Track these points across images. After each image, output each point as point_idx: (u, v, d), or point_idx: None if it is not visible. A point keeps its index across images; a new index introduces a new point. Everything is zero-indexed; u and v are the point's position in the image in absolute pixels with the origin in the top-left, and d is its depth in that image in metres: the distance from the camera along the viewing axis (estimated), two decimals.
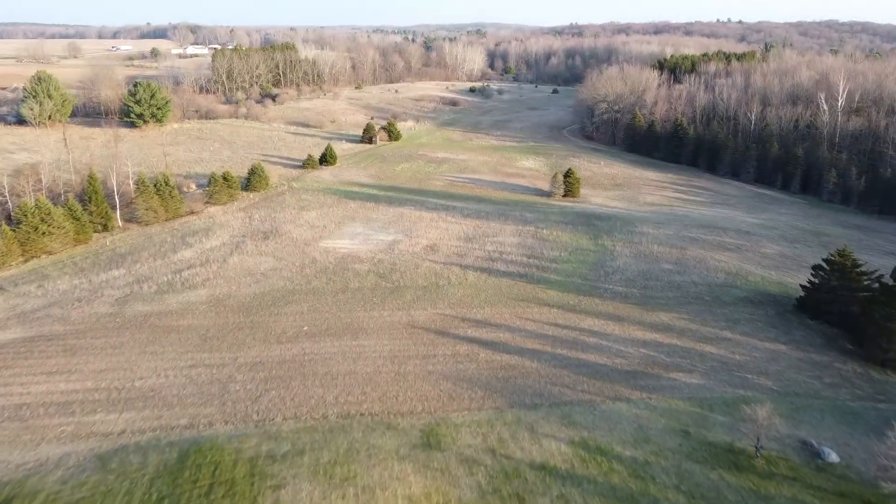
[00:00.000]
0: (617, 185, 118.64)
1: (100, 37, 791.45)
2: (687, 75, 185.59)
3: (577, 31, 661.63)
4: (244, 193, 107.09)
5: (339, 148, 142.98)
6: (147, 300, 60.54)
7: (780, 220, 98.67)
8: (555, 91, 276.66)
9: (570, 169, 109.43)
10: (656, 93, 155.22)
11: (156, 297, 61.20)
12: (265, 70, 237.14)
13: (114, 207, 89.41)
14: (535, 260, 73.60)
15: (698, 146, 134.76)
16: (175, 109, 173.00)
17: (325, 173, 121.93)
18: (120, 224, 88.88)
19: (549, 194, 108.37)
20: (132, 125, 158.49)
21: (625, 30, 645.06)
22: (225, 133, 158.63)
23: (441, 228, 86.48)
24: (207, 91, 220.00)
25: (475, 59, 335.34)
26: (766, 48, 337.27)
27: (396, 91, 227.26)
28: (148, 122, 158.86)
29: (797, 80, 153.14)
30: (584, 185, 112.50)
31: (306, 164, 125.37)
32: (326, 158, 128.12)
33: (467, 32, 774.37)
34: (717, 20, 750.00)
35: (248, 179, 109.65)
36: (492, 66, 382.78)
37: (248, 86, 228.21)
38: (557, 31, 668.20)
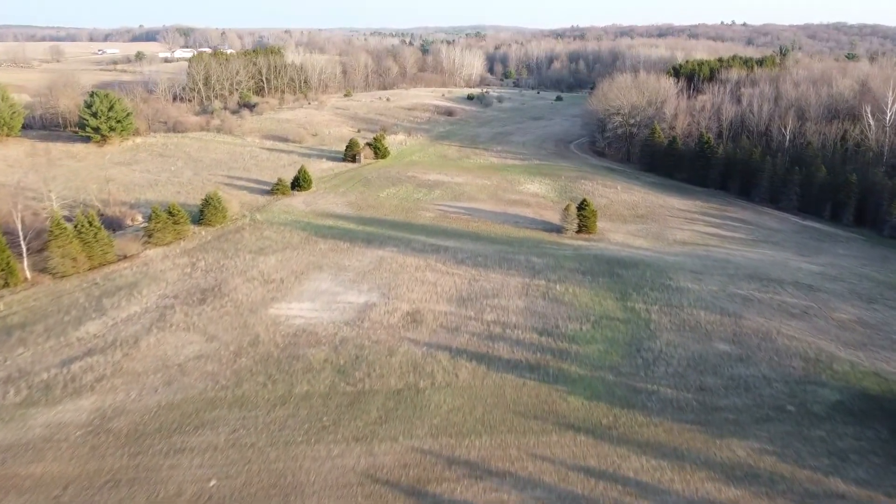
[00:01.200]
0: (639, 216, 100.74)
1: (91, 39, 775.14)
2: (706, 83, 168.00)
3: (579, 33, 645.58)
4: (196, 229, 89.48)
5: (318, 168, 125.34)
6: (2, 420, 42.55)
7: (843, 266, 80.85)
8: (558, 98, 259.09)
9: (584, 200, 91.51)
10: (676, 104, 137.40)
11: (17, 415, 43.28)
12: (246, 77, 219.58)
13: (19, 255, 71.42)
14: (550, 338, 55.73)
15: (729, 167, 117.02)
16: (140, 121, 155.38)
17: (298, 200, 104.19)
18: (28, 276, 70.97)
19: (559, 229, 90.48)
20: (88, 140, 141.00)
21: (628, 32, 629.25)
22: (192, 149, 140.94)
23: (428, 283, 68.64)
24: (182, 100, 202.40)
25: (474, 64, 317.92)
26: (781, 52, 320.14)
27: (388, 99, 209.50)
28: (106, 136, 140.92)
29: (836, 89, 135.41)
30: (601, 217, 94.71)
31: (276, 189, 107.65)
32: (300, 182, 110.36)
33: (466, 35, 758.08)
34: (722, 22, 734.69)
35: (202, 211, 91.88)
36: (491, 70, 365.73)
37: (227, 94, 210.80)
38: (558, 34, 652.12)
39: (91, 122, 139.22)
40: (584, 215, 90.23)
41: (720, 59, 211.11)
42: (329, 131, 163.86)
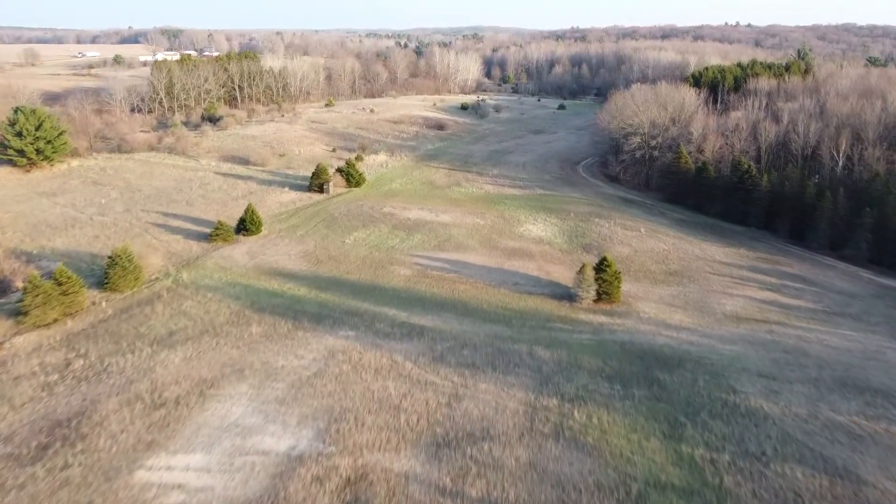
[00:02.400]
0: (671, 272, 79.06)
1: (78, 41, 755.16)
2: (732, 94, 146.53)
3: (580, 35, 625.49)
4: (97, 295, 68.32)
5: (276, 201, 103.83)
6: None
7: None
8: (561, 107, 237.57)
9: (604, 259, 69.73)
10: (704, 122, 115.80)
11: None
12: (216, 85, 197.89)
13: None
14: None
15: (775, 203, 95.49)
16: (79, 139, 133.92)
17: (241, 250, 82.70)
18: None
19: (572, 296, 68.93)
20: (12, 163, 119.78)
21: (630, 34, 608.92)
22: (134, 175, 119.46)
23: (390, 406, 47.35)
24: (142, 111, 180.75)
25: (470, 68, 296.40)
26: (799, 55, 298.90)
27: (372, 110, 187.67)
28: (33, 160, 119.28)
29: (892, 104, 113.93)
30: (624, 274, 73.19)
31: (215, 234, 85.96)
32: (247, 225, 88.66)
33: (463, 36, 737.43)
34: (726, 23, 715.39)
35: (107, 273, 70.40)
36: (488, 74, 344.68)
37: (193, 105, 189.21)
38: (558, 36, 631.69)
39: (14, 143, 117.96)
40: (605, 279, 68.68)
41: (741, 65, 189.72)
42: (299, 151, 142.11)
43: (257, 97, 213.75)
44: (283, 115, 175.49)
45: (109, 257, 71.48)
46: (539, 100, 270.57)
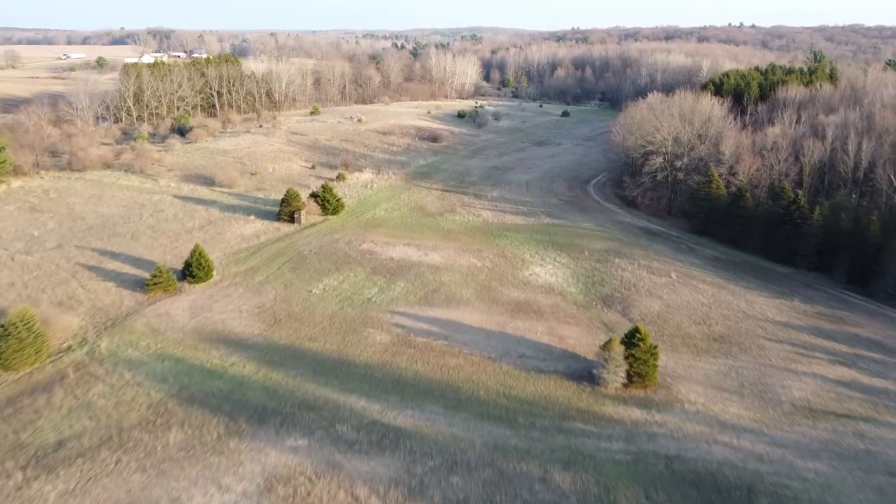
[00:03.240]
0: (716, 337, 63.17)
1: (69, 42, 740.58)
2: (759, 104, 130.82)
3: (581, 36, 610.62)
4: None
5: (238, 234, 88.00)
6: None
7: None
8: (565, 114, 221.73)
9: (636, 329, 53.87)
10: (736, 139, 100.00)
11: None
12: (191, 91, 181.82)
13: None
14: None
15: (830, 240, 79.64)
16: (24, 155, 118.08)
17: (182, 305, 67.04)
18: None
19: (593, 376, 53.23)
20: None
21: (633, 35, 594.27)
22: (81, 198, 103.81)
23: None
24: (108, 120, 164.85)
25: (467, 72, 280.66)
26: (815, 58, 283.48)
27: (359, 120, 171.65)
28: None
29: None
30: (659, 340, 57.37)
31: (154, 282, 70.10)
32: (193, 270, 72.70)
33: (461, 37, 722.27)
34: (730, 24, 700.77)
35: None
36: (487, 77, 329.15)
37: (165, 113, 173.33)
38: (559, 37, 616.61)
39: None
40: (637, 356, 52.75)
41: (761, 71, 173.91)
42: (274, 168, 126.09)
43: (238, 104, 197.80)
44: (261, 126, 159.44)
45: (2, 325, 55.52)
46: (541, 105, 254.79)
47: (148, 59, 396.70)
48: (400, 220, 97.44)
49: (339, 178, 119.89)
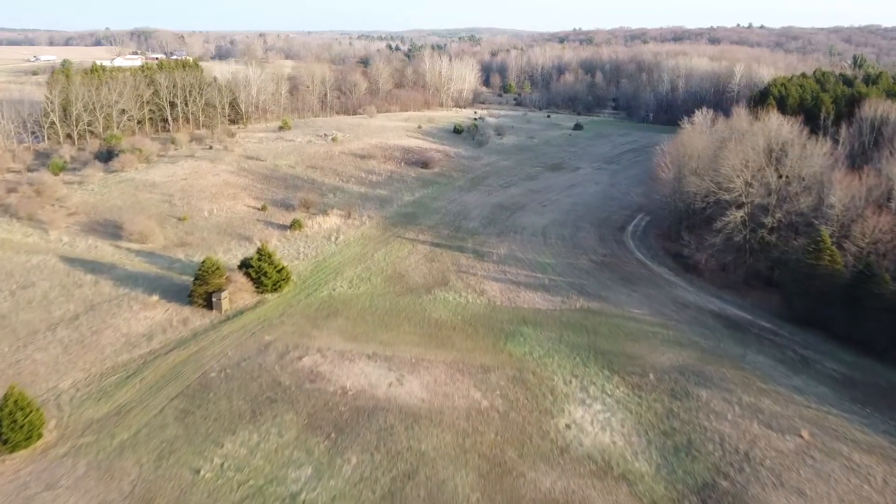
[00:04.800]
0: None
1: (51, 43, 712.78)
2: (839, 125, 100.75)
3: (585, 37, 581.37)
4: None
5: (117, 336, 58.48)
6: None
7: None
8: (577, 126, 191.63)
9: None
10: (845, 184, 69.70)
11: None
12: (135, 103, 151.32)
13: None
14: None
15: None
16: None
17: None
18: None
19: None
20: None
21: (639, 36, 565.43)
22: None
23: None
24: (37, 136, 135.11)
25: (465, 77, 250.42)
26: (855, 63, 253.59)
27: (334, 139, 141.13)
28: None
29: None
30: None
31: None
32: (3, 432, 42.25)
33: (459, 39, 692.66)
34: (738, 25, 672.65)
35: None
36: (487, 82, 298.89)
37: (101, 129, 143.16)
38: (561, 38, 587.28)
39: None
40: None
41: (816, 78, 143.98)
42: (211, 210, 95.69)
43: (196, 117, 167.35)
44: (210, 147, 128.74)
45: None
46: (548, 116, 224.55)
47: (121, 61, 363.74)
48: (368, 304, 66.93)
49: (295, 226, 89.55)
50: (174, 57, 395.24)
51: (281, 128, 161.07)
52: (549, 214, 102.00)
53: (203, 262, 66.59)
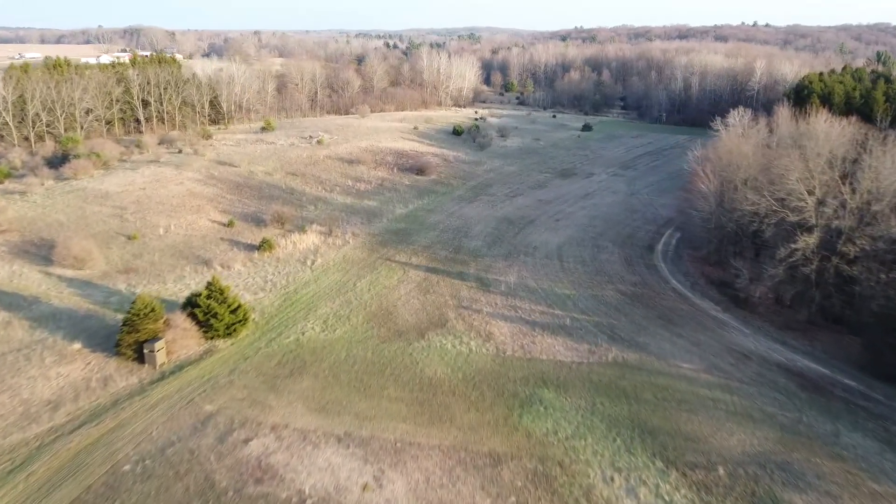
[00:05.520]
0: None
1: (42, 41, 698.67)
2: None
3: (587, 35, 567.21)
4: None
5: (16, 405, 43.05)
6: None
7: None
8: (586, 127, 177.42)
9: None
10: None
11: None
12: (101, 102, 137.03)
13: None
14: None
15: None
16: None
17: None
18: None
19: None
20: None
21: (643, 35, 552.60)
22: None
23: None
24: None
25: (465, 75, 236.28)
26: (879, 59, 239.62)
27: (320, 141, 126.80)
28: None
29: None
30: None
31: None
32: None
33: (459, 37, 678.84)
34: (743, 23, 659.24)
35: None
36: (487, 80, 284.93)
37: (63, 130, 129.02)
38: (563, 37, 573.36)
39: None
40: None
41: (852, 75, 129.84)
42: (168, 227, 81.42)
43: (172, 117, 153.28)
44: (179, 151, 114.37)
45: None
46: (554, 116, 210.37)
47: (107, 59, 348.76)
48: (344, 355, 52.61)
49: (265, 246, 75.24)
50: (166, 54, 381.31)
51: (263, 129, 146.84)
52: (563, 231, 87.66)
53: (135, 301, 52.23)
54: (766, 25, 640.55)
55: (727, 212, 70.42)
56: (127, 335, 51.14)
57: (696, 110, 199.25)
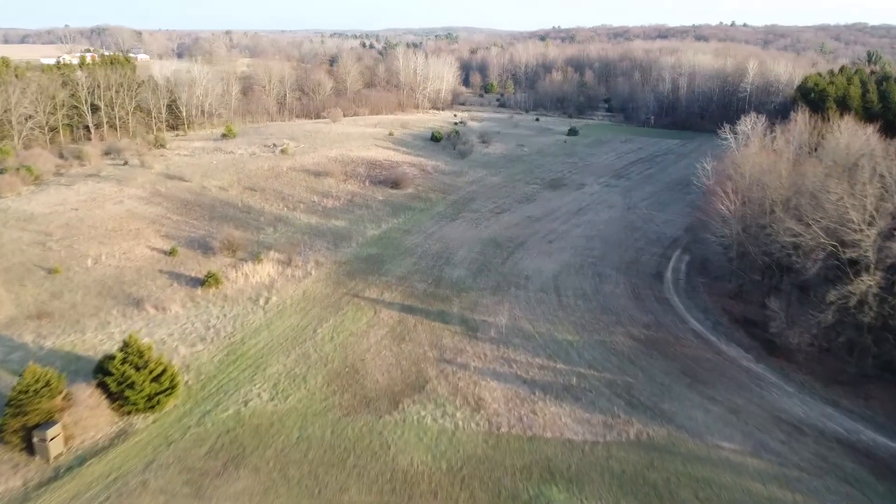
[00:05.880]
0: None
1: (5, 41, 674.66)
2: None
3: (566, 35, 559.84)
4: None
5: None
6: None
7: None
8: (572, 132, 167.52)
9: None
10: None
11: None
12: (44, 107, 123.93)
13: None
14: None
15: None
16: None
17: None
18: None
19: None
20: None
21: (623, 34, 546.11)
22: None
23: None
24: None
25: (443, 76, 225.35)
26: (869, 59, 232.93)
27: (284, 149, 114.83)
28: None
29: None
30: None
31: None
32: None
33: (436, 37, 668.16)
34: (721, 23, 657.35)
35: None
36: (466, 81, 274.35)
37: None
38: (541, 36, 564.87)
39: None
40: None
41: (858, 75, 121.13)
42: (98, 256, 69.29)
43: (125, 122, 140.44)
44: (124, 163, 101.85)
45: None
46: (537, 119, 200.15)
47: (68, 59, 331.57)
48: (295, 438, 41.25)
49: (210, 281, 63.48)
50: (130, 56, 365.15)
51: (224, 135, 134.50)
52: (558, 255, 76.93)
53: (22, 375, 40.45)
54: (745, 25, 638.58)
55: (753, 238, 60.07)
56: (12, 419, 39.30)
57: (685, 113, 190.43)
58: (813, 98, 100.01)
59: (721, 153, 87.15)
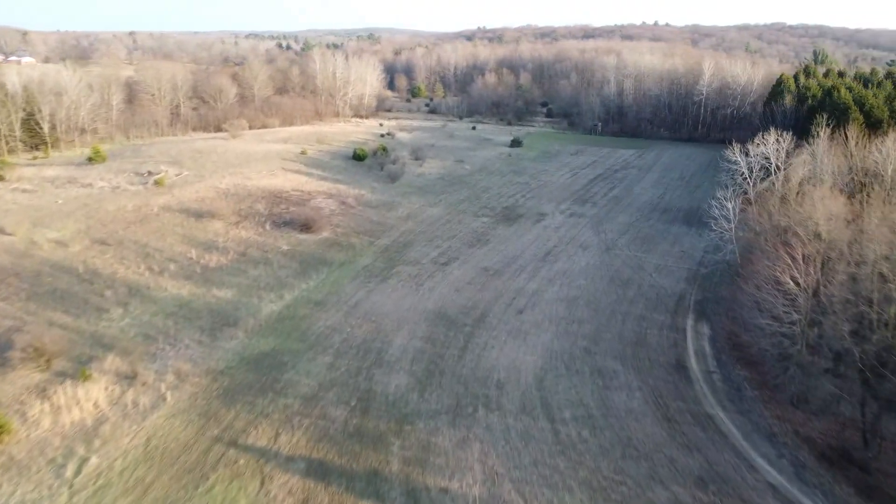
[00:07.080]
0: None
1: None
2: None
3: (493, 35, 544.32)
4: None
5: None
6: None
7: None
8: (516, 143, 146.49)
9: None
10: None
11: None
12: None
13: None
14: None
15: None
16: None
17: None
18: None
19: None
20: None
21: (549, 34, 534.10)
22: None
23: None
24: None
25: (366, 79, 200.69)
26: (815, 59, 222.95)
27: (158, 180, 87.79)
28: None
29: None
30: None
31: None
32: None
33: (357, 38, 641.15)
34: (644, 23, 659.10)
35: None
36: (391, 85, 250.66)
37: None
38: (467, 37, 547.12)
39: None
40: None
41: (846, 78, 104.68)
42: None
43: None
44: None
45: None
46: (474, 127, 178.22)
47: None
48: None
49: None
50: (12, 59, 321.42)
51: (91, 159, 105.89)
52: (535, 336, 54.35)
53: None
54: (667, 25, 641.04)
55: (834, 320, 39.18)
56: None
57: (635, 119, 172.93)
58: (830, 107, 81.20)
59: (731, 182, 66.77)
